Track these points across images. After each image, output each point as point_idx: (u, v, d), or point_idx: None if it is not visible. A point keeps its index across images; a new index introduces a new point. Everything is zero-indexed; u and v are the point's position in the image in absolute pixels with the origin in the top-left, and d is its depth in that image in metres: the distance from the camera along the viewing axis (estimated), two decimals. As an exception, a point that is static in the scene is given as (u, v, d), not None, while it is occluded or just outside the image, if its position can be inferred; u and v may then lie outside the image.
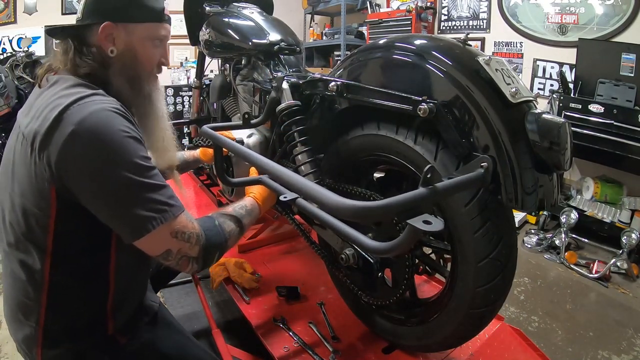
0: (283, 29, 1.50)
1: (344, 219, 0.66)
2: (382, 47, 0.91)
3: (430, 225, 0.54)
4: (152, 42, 0.87)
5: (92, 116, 0.70)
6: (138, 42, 0.85)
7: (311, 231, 1.21)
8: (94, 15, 0.82)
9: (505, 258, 0.78)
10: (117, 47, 0.83)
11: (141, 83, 0.88)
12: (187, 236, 0.77)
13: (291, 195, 0.81)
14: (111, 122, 0.71)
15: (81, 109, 0.70)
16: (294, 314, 1.22)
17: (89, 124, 0.69)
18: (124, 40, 0.84)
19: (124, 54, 0.84)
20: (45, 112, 0.71)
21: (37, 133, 0.70)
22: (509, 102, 0.71)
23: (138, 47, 0.85)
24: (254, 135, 1.35)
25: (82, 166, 0.69)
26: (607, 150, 2.30)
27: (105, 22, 0.81)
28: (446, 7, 3.65)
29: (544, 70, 3.05)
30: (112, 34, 0.82)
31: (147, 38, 0.86)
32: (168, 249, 0.76)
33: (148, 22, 0.86)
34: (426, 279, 1.37)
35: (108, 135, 0.70)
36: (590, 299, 1.98)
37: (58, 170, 0.69)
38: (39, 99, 0.77)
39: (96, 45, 0.83)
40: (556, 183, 0.76)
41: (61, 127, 0.68)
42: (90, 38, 0.83)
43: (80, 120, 0.69)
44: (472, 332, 0.90)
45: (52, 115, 0.69)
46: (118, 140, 0.70)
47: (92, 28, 0.82)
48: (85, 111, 0.70)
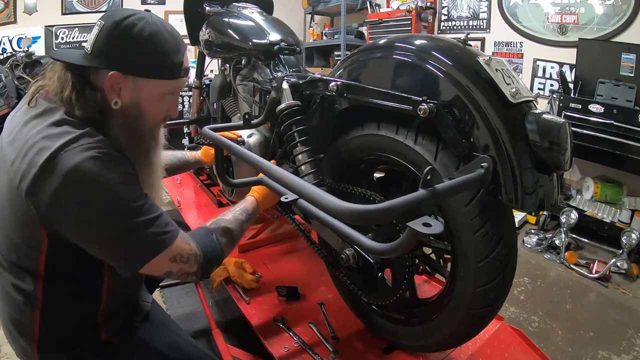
0: (283, 29, 1.50)
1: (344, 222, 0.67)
2: (382, 47, 0.91)
3: (430, 227, 0.54)
4: (160, 98, 0.79)
5: (82, 165, 0.65)
6: (146, 98, 0.77)
7: (311, 231, 1.22)
8: (103, 57, 0.73)
9: (505, 258, 0.78)
10: (122, 100, 0.75)
11: (141, 139, 0.81)
12: (185, 259, 0.78)
13: (292, 196, 0.81)
14: (101, 171, 0.67)
15: (70, 157, 0.66)
16: (294, 314, 1.22)
17: (80, 174, 0.65)
18: (131, 94, 0.75)
19: (128, 109, 0.76)
20: (31, 154, 0.67)
21: (23, 177, 0.67)
22: (509, 102, 0.71)
23: (145, 103, 0.77)
24: (254, 135, 1.35)
25: (75, 216, 0.67)
26: (607, 150, 2.30)
27: (113, 72, 0.72)
28: (446, 7, 3.65)
29: (544, 70, 3.05)
30: (119, 85, 0.74)
31: (156, 94, 0.78)
32: (169, 271, 0.78)
33: (161, 79, 0.77)
34: (426, 279, 1.37)
35: (99, 185, 0.67)
36: (590, 299, 1.98)
37: (47, 217, 0.68)
38: (25, 130, 0.71)
39: (100, 90, 0.75)
40: (556, 183, 0.76)
41: (50, 175, 0.65)
42: (94, 80, 0.75)
43: (69, 169, 0.65)
44: (472, 332, 0.90)
45: (39, 160, 0.66)
46: (110, 190, 0.68)
47: (99, 71, 0.74)
48: (74, 160, 0.65)
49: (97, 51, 0.73)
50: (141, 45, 0.73)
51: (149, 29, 0.73)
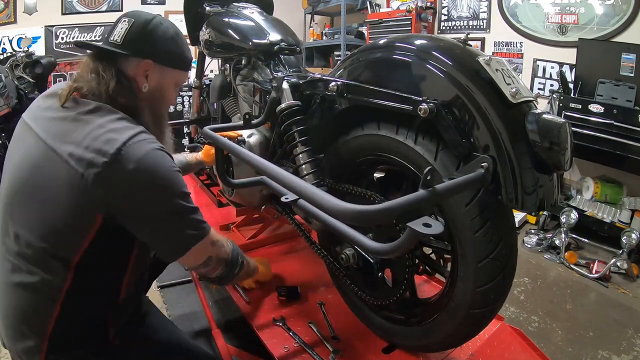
0: (283, 29, 1.50)
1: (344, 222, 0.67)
2: (382, 47, 0.91)
3: (430, 228, 0.54)
4: (175, 87, 0.96)
5: (149, 155, 0.76)
6: (167, 85, 0.92)
7: (311, 231, 1.22)
8: (138, 47, 0.85)
9: (505, 258, 0.78)
10: (150, 84, 0.89)
11: (162, 121, 0.96)
12: (221, 243, 0.93)
13: (292, 197, 0.81)
14: (164, 160, 0.79)
15: (138, 148, 0.76)
16: (294, 314, 1.22)
17: (148, 162, 0.76)
18: (157, 80, 0.89)
19: (154, 93, 0.90)
20: (98, 144, 0.74)
21: (90, 164, 0.73)
22: (509, 102, 0.71)
23: (166, 89, 0.93)
24: (254, 135, 1.35)
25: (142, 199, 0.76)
26: (607, 150, 2.30)
27: (148, 60, 0.86)
28: (446, 7, 3.65)
29: (544, 70, 3.05)
30: (147, 72, 0.87)
31: (173, 83, 0.94)
32: (209, 256, 0.89)
33: (180, 70, 0.94)
34: (426, 279, 1.37)
35: (164, 172, 0.78)
36: (590, 299, 1.98)
37: (113, 201, 0.75)
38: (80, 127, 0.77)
39: (131, 76, 0.86)
40: (556, 183, 0.76)
41: (122, 163, 0.73)
42: (125, 67, 0.86)
43: (139, 158, 0.74)
44: (472, 332, 0.90)
45: (110, 150, 0.73)
46: (171, 176, 0.79)
47: (130, 59, 0.86)
48: (142, 150, 0.76)
49: (129, 42, 0.85)
50: (168, 41, 0.89)
51: (172, 29, 0.91)
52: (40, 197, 0.78)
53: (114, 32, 0.87)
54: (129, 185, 0.75)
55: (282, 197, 0.83)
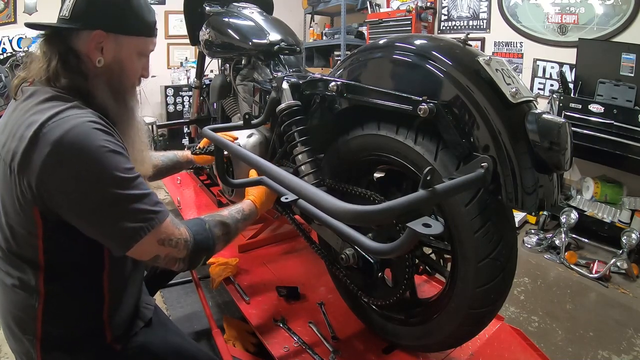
0: (283, 29, 1.50)
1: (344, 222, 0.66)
2: (382, 47, 0.91)
3: (430, 228, 0.54)
4: (138, 56, 0.85)
5: (69, 134, 0.67)
6: (126, 55, 0.82)
7: (311, 231, 1.22)
8: (85, 19, 0.77)
9: (505, 258, 0.78)
10: (105, 57, 0.79)
11: (125, 96, 0.86)
12: (174, 242, 0.78)
13: (292, 197, 0.81)
14: (89, 138, 0.68)
15: (57, 127, 0.67)
16: (294, 314, 1.22)
17: (67, 142, 0.66)
18: (113, 51, 0.80)
19: (111, 66, 0.81)
20: (21, 130, 0.69)
21: (15, 153, 0.68)
22: (509, 102, 0.71)
23: (126, 60, 0.82)
24: (254, 135, 1.35)
25: (63, 186, 0.68)
26: (607, 150, 2.30)
27: (98, 30, 0.77)
28: (446, 7, 3.65)
29: (544, 70, 3.05)
30: (101, 44, 0.78)
31: (136, 52, 0.84)
32: (156, 255, 0.77)
33: (140, 36, 0.83)
34: (426, 279, 1.37)
35: (87, 152, 0.67)
36: (590, 299, 1.98)
37: (39, 191, 0.68)
38: (14, 114, 0.74)
39: (83, 53, 0.78)
40: (556, 183, 0.75)
41: (38, 146, 0.66)
42: (76, 43, 0.78)
43: (57, 138, 0.66)
44: (472, 332, 0.90)
45: (28, 134, 0.67)
46: (98, 157, 0.68)
47: (80, 33, 0.77)
48: (61, 129, 0.67)
49: (77, 15, 0.77)
50: (121, 5, 0.79)
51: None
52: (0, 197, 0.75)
53: (63, 7, 0.79)
54: (46, 170, 0.66)
55: (282, 197, 0.83)
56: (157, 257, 0.77)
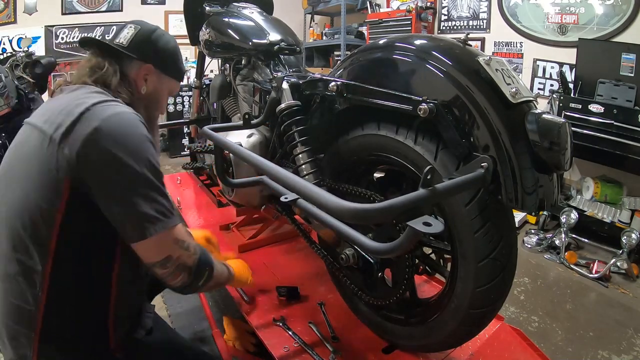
0: (283, 29, 1.50)
1: (344, 221, 0.66)
2: (382, 47, 0.91)
3: (430, 227, 0.54)
4: (168, 94, 1.01)
5: (118, 116, 0.75)
6: (162, 91, 0.99)
7: (311, 231, 1.22)
8: (141, 52, 0.92)
9: (505, 258, 0.78)
10: (148, 88, 0.94)
11: (154, 123, 0.99)
12: (186, 245, 0.81)
13: (292, 196, 0.81)
14: (135, 124, 0.77)
15: (107, 109, 0.75)
16: (294, 314, 1.22)
17: (115, 121, 0.74)
18: (154, 85, 0.96)
19: (150, 97, 0.95)
20: (70, 107, 0.75)
21: (60, 125, 0.73)
22: (509, 102, 0.71)
23: (161, 95, 0.99)
24: (254, 135, 1.35)
25: (104, 157, 0.72)
26: (607, 150, 2.30)
27: (149, 65, 0.93)
28: (446, 7, 3.65)
29: (544, 70, 3.05)
30: (147, 76, 0.94)
31: (167, 90, 1.00)
32: (169, 255, 0.78)
33: (174, 79, 1.01)
34: (426, 279, 1.37)
35: (132, 133, 0.75)
36: (590, 299, 1.98)
37: (78, 160, 0.71)
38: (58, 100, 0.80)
39: (131, 78, 0.92)
40: (556, 183, 0.76)
41: (87, 120, 0.72)
42: (128, 68, 0.92)
43: (106, 117, 0.74)
44: (472, 332, 0.90)
45: (78, 110, 0.73)
46: (140, 140, 0.76)
47: (133, 62, 0.92)
48: (111, 110, 0.75)
49: (134, 46, 0.91)
50: (169, 51, 0.98)
51: (173, 42, 1.00)
52: (19, 171, 0.76)
53: (120, 36, 0.93)
54: (92, 141, 0.71)
55: (282, 196, 0.83)
56: (169, 259, 0.78)
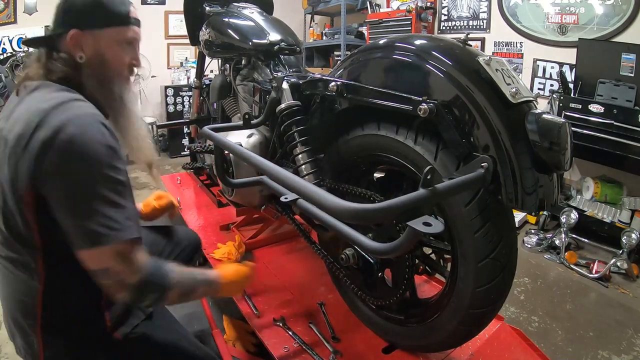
0: (283, 29, 1.50)
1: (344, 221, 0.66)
2: (382, 47, 0.91)
3: (430, 227, 0.54)
4: (119, 46, 0.89)
5: (71, 122, 0.72)
6: (106, 47, 0.87)
7: (311, 231, 1.22)
8: (63, 24, 0.85)
9: (505, 258, 0.78)
10: (86, 53, 0.86)
11: (111, 85, 0.90)
12: (129, 262, 0.75)
13: (292, 196, 0.81)
14: (88, 130, 0.73)
15: (60, 114, 0.73)
16: (294, 314, 1.22)
17: (67, 130, 0.71)
18: (92, 46, 0.86)
19: (93, 59, 0.87)
20: (28, 115, 0.73)
21: (21, 136, 0.72)
22: (509, 102, 0.71)
23: (106, 52, 0.88)
24: (254, 135, 1.35)
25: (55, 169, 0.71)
26: (607, 150, 2.29)
27: (73, 31, 0.84)
28: (446, 7, 3.65)
29: (544, 70, 3.05)
30: (79, 41, 0.85)
31: (114, 42, 0.88)
32: (107, 268, 0.74)
33: (113, 27, 0.88)
34: (426, 279, 1.37)
35: (84, 143, 0.71)
36: (590, 299, 1.98)
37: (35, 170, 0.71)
38: (21, 105, 0.78)
39: (66, 51, 0.85)
40: (556, 183, 0.76)
41: (42, 130, 0.71)
42: (61, 46, 0.86)
43: (59, 125, 0.71)
44: (473, 332, 0.90)
45: (35, 119, 0.72)
46: (93, 149, 0.72)
47: (63, 37, 0.85)
48: (64, 116, 0.72)
49: (56, 22, 0.86)
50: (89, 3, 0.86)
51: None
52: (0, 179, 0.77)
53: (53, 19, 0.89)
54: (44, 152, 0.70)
55: (282, 196, 0.83)
56: (107, 272, 0.74)
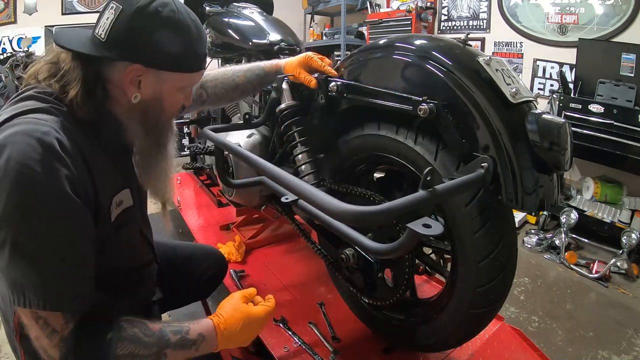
0: (283, 29, 1.50)
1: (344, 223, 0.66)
2: (383, 47, 0.91)
3: (430, 229, 0.54)
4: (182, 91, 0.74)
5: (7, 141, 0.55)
6: (168, 92, 0.71)
7: (311, 231, 1.22)
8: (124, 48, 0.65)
9: (505, 258, 0.78)
10: (143, 93, 0.69)
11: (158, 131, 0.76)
12: (50, 331, 0.59)
13: (292, 197, 0.81)
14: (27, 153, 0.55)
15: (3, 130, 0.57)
16: (294, 314, 1.22)
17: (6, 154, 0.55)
18: (153, 87, 0.69)
19: (149, 102, 0.70)
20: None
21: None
22: (509, 102, 0.71)
23: (166, 96, 0.71)
24: (254, 135, 1.35)
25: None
26: (607, 150, 2.29)
27: (135, 65, 0.65)
28: (446, 7, 3.65)
29: (544, 70, 3.05)
30: (139, 78, 0.67)
31: (179, 88, 0.73)
32: (30, 328, 0.60)
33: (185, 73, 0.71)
34: (426, 279, 1.37)
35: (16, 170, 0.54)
36: (590, 299, 1.98)
37: None
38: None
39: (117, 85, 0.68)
40: (556, 183, 0.76)
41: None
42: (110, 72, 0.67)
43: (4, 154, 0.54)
44: (472, 332, 0.90)
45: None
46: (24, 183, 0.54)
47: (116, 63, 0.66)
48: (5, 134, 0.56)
49: (113, 40, 0.64)
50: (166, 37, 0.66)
51: (174, 18, 0.66)
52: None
53: (99, 22, 0.66)
54: None
55: (282, 197, 0.83)
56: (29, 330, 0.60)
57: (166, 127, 0.78)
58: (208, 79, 1.11)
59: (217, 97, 1.13)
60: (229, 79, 1.12)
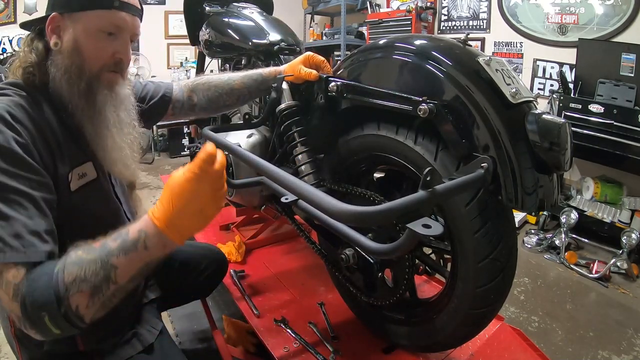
0: (283, 29, 1.50)
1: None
2: (382, 47, 0.91)
3: (430, 229, 0.54)
4: (99, 34, 0.74)
5: None
6: (84, 34, 0.73)
7: (311, 231, 1.22)
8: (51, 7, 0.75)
9: (505, 258, 0.78)
10: (63, 40, 0.73)
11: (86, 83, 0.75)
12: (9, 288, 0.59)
13: (292, 197, 0.80)
14: None
15: None
16: (294, 314, 1.22)
17: None
18: (71, 33, 0.73)
19: (67, 47, 0.73)
20: None
21: None
22: (509, 102, 0.71)
23: (83, 40, 0.73)
24: (254, 135, 1.35)
25: None
26: (607, 150, 2.30)
27: (52, 14, 0.73)
28: (446, 7, 3.65)
29: (544, 70, 3.05)
30: (59, 26, 0.73)
31: (96, 29, 0.73)
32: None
33: (95, 9, 0.72)
34: (426, 279, 1.37)
35: None
36: (590, 299, 1.98)
37: None
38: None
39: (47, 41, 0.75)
40: (556, 183, 0.76)
41: None
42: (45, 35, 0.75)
43: None
44: (472, 332, 0.90)
45: None
46: None
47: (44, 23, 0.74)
48: None
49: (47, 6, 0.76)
50: None
51: None
52: None
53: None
54: None
55: (282, 197, 0.83)
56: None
57: (92, 75, 0.76)
58: (200, 82, 1.12)
59: (210, 100, 1.12)
60: (223, 82, 1.12)
